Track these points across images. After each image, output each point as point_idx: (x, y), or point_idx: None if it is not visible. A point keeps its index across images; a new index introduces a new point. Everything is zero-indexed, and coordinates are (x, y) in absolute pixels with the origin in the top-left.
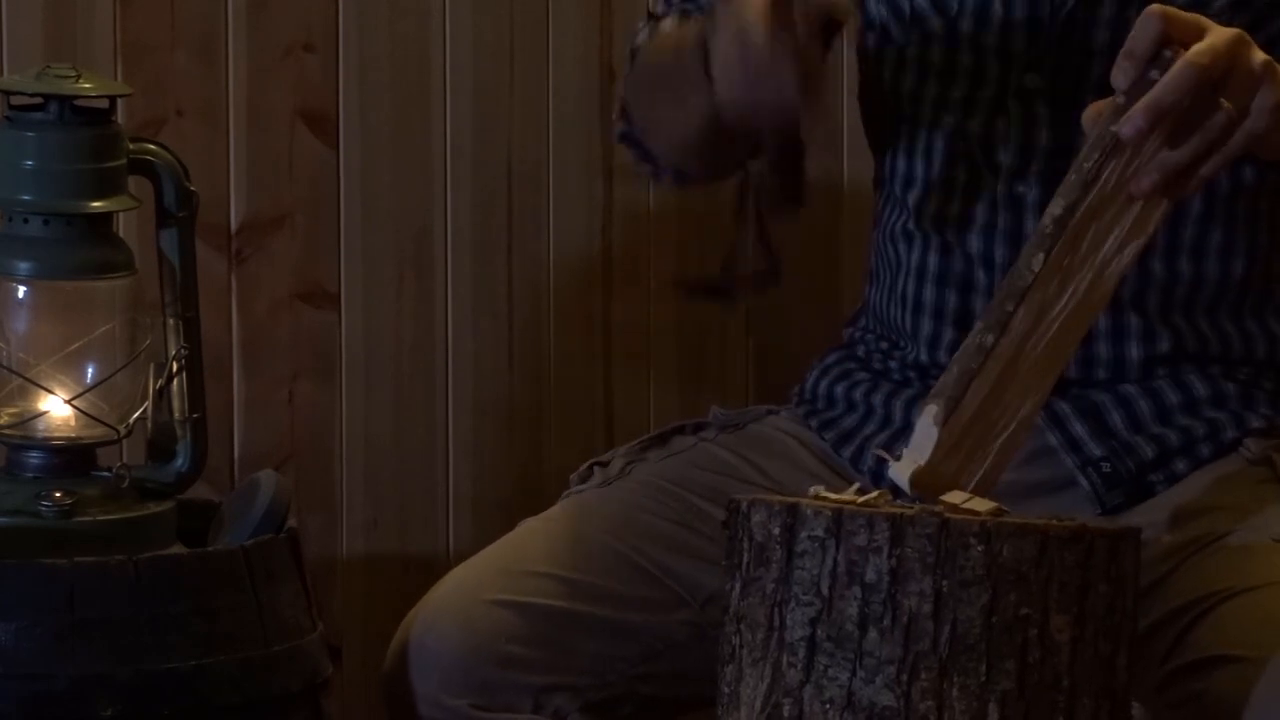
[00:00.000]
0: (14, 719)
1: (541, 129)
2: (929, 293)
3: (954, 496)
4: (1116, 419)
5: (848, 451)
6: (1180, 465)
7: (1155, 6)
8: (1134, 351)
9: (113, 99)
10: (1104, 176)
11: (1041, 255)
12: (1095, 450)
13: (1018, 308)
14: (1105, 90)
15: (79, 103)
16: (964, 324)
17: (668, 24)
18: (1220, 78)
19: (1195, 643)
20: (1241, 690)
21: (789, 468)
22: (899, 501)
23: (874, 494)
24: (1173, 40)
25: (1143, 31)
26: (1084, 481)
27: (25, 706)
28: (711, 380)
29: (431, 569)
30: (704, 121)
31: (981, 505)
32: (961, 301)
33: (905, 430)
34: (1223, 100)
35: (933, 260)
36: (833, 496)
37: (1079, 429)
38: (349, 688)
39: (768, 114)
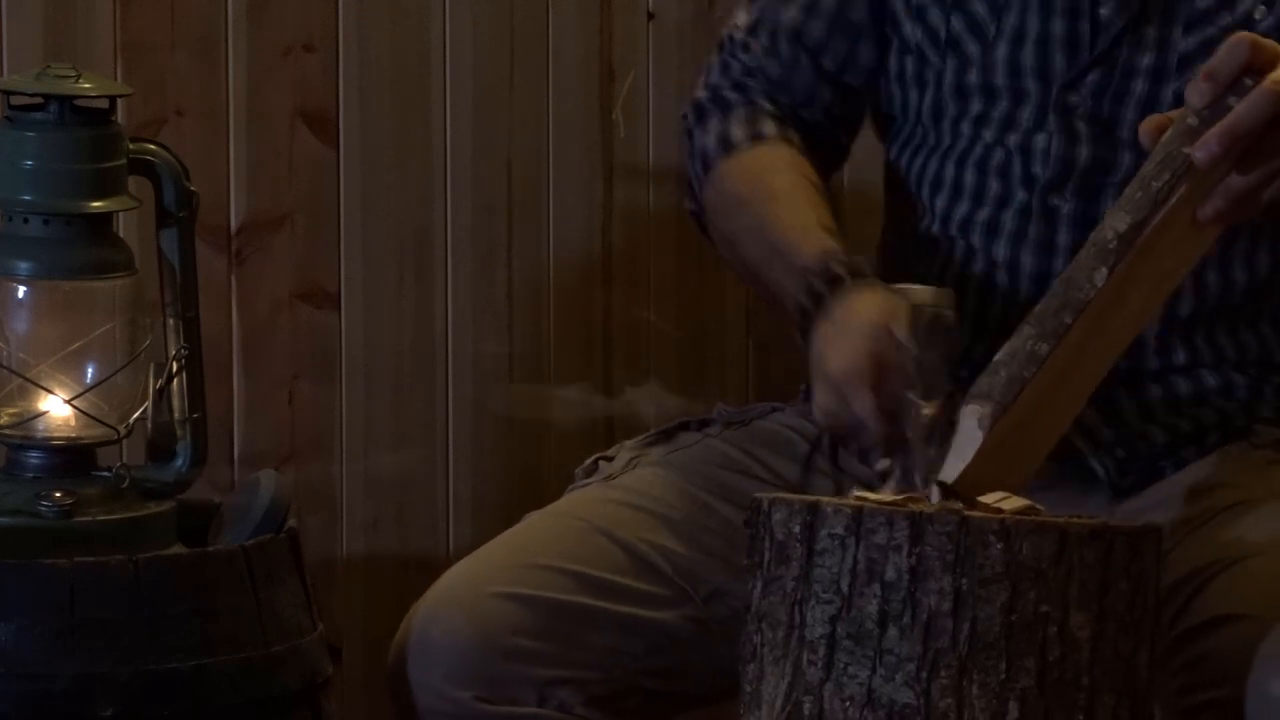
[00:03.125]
0: (14, 719)
1: (541, 129)
2: None
3: (990, 496)
4: (1128, 407)
5: (853, 445)
6: (1190, 452)
7: (1244, 34)
8: (1152, 363)
9: (113, 99)
10: (1173, 197)
11: (1104, 270)
12: (1109, 437)
13: (1075, 320)
14: (1148, 109)
15: (79, 103)
16: (980, 328)
17: (741, 140)
18: None
19: (1200, 607)
20: (1245, 647)
21: (794, 463)
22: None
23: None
24: (1254, 68)
25: (1229, 56)
26: (1098, 466)
27: (25, 706)
28: (711, 380)
29: (431, 569)
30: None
31: (1013, 504)
32: (979, 305)
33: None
34: None
35: (955, 264)
36: (872, 497)
37: (1091, 416)
38: (349, 688)
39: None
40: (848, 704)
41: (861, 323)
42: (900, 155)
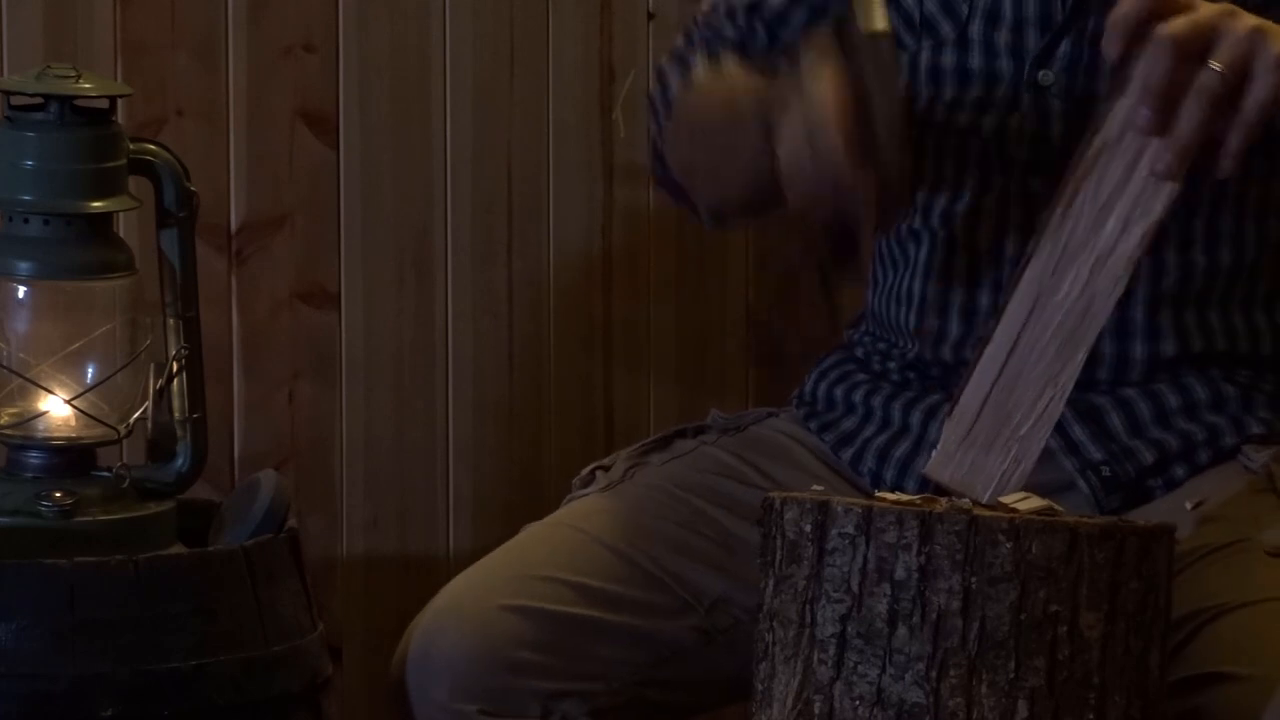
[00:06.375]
0: (14, 719)
1: (541, 129)
2: (934, 289)
3: (1010, 497)
4: (1116, 422)
5: (847, 454)
6: (1179, 471)
7: None
8: (1138, 350)
9: (113, 99)
10: (1101, 159)
11: (1034, 240)
12: (1095, 454)
13: (1012, 292)
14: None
15: (79, 103)
16: (969, 319)
17: (701, 72)
18: (1203, 47)
19: (1190, 658)
20: (1238, 708)
21: (791, 469)
22: (949, 500)
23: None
24: (1158, 16)
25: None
26: (1083, 485)
27: (25, 706)
28: (711, 381)
29: (431, 569)
30: (755, 184)
31: (1031, 504)
32: (968, 297)
33: (904, 433)
34: (1212, 62)
35: (939, 257)
36: (889, 498)
37: (1078, 432)
38: (349, 688)
39: (834, 209)
40: (857, 703)
41: (830, 73)
42: None
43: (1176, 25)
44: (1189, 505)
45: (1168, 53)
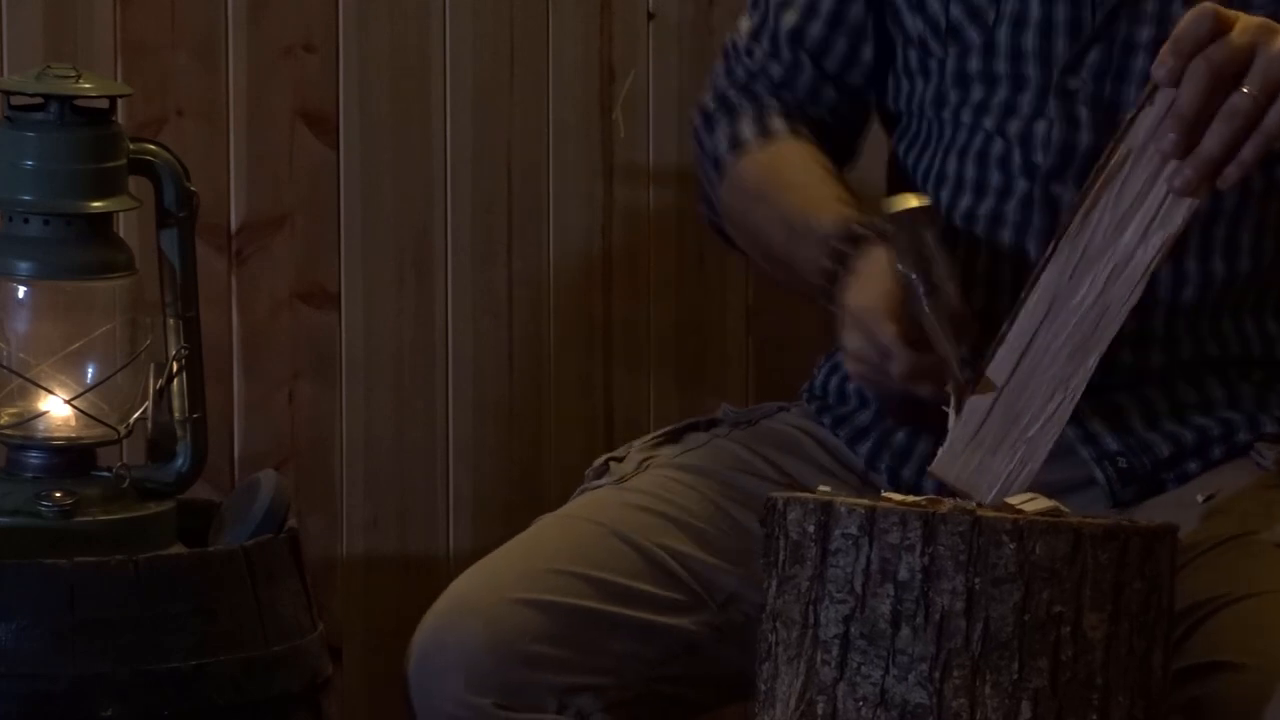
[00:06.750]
0: (14, 719)
1: (541, 129)
2: None
3: (1016, 498)
4: (1134, 415)
5: (863, 449)
6: (1193, 466)
7: (1208, 4)
8: (1155, 357)
9: (113, 99)
10: (1125, 168)
11: (1053, 243)
12: (1112, 445)
13: (1028, 295)
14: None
15: (79, 103)
16: (987, 321)
17: (748, 132)
18: (1240, 68)
19: (1193, 648)
20: (1240, 697)
21: (804, 464)
22: (954, 500)
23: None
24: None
25: (1193, 27)
26: (1100, 475)
27: (25, 706)
28: (711, 380)
29: (431, 569)
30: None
31: (1038, 505)
32: (986, 298)
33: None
34: (1244, 86)
35: (959, 257)
36: (895, 498)
37: (1096, 424)
38: (349, 688)
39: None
40: (861, 704)
41: (883, 267)
42: (906, 152)
43: (1213, 53)
44: (1200, 498)
45: (1202, 80)
